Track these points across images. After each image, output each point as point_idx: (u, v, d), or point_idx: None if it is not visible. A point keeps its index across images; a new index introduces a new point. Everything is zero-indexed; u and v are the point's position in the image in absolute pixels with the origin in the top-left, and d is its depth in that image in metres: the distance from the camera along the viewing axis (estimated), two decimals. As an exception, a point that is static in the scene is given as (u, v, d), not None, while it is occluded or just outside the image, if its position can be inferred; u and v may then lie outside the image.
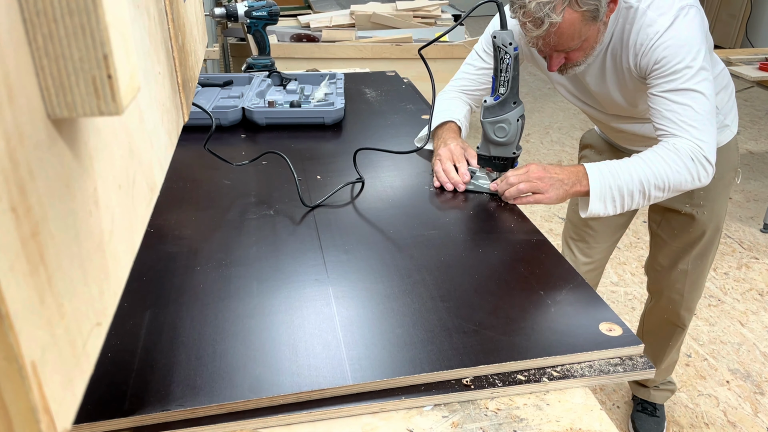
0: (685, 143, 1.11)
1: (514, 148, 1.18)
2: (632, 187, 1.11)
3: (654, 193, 1.11)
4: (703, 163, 1.11)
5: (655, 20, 1.12)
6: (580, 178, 1.12)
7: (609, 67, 1.24)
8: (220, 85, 1.75)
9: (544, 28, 1.04)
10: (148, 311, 0.83)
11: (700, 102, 1.10)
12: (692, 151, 1.10)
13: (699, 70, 1.10)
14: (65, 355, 0.32)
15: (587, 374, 0.75)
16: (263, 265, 0.95)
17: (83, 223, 0.36)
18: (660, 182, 1.10)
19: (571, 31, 1.07)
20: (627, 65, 1.20)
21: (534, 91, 4.78)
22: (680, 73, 1.10)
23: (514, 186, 1.13)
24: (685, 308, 1.58)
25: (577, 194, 1.14)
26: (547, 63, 1.19)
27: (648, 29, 1.12)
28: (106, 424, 0.65)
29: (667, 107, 1.12)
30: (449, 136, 1.30)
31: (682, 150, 1.10)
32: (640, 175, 1.10)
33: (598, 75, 1.27)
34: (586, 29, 1.08)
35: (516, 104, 1.14)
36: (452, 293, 0.88)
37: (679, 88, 1.11)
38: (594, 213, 1.13)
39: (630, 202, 1.12)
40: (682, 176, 1.10)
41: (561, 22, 1.04)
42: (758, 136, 3.95)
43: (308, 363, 0.73)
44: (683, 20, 1.11)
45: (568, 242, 1.69)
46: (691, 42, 1.10)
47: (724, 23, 5.65)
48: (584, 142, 1.66)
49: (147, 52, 0.53)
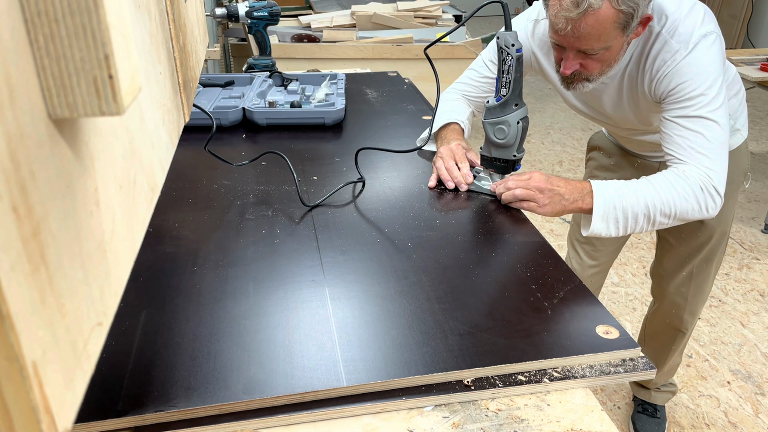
0: (694, 171, 1.08)
1: (515, 151, 1.17)
2: (637, 210, 1.08)
3: (659, 218, 1.09)
4: (712, 194, 1.08)
5: (675, 47, 1.10)
6: (584, 195, 1.10)
7: (626, 89, 1.22)
8: (221, 86, 1.76)
9: (581, 8, 1.00)
10: (143, 312, 0.83)
11: (712, 130, 1.08)
12: (701, 180, 1.08)
13: (714, 98, 1.08)
14: (66, 355, 0.32)
15: (588, 375, 0.75)
16: (260, 265, 0.94)
17: (84, 223, 0.36)
18: (666, 209, 1.08)
19: (600, 29, 1.04)
20: (642, 89, 1.18)
21: (535, 92, 4.78)
22: (695, 100, 1.08)
23: (511, 191, 1.12)
24: (688, 312, 1.57)
25: (578, 211, 1.12)
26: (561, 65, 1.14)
27: (666, 54, 1.11)
28: (100, 424, 0.65)
29: (679, 133, 1.10)
30: (452, 136, 1.30)
31: (692, 178, 1.08)
32: (647, 198, 1.08)
33: (615, 97, 1.25)
34: (613, 35, 1.05)
35: (518, 106, 1.13)
36: (449, 295, 0.87)
37: (693, 115, 1.09)
38: (595, 233, 1.10)
39: (634, 226, 1.10)
40: (690, 205, 1.08)
41: (598, 11, 1.01)
42: (759, 137, 3.94)
43: (302, 364, 0.73)
44: (703, 48, 1.09)
45: (574, 244, 1.68)
46: (709, 70, 1.08)
47: (726, 24, 5.65)
48: (592, 144, 1.64)
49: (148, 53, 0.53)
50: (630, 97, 1.23)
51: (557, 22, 1.05)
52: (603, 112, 1.33)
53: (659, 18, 1.13)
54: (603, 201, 1.09)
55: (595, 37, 1.05)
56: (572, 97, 1.35)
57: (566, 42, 1.09)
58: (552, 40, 1.14)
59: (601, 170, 1.58)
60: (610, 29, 1.04)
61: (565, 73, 1.14)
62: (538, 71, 1.35)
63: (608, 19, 1.02)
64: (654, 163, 1.47)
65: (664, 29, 1.12)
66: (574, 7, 1.01)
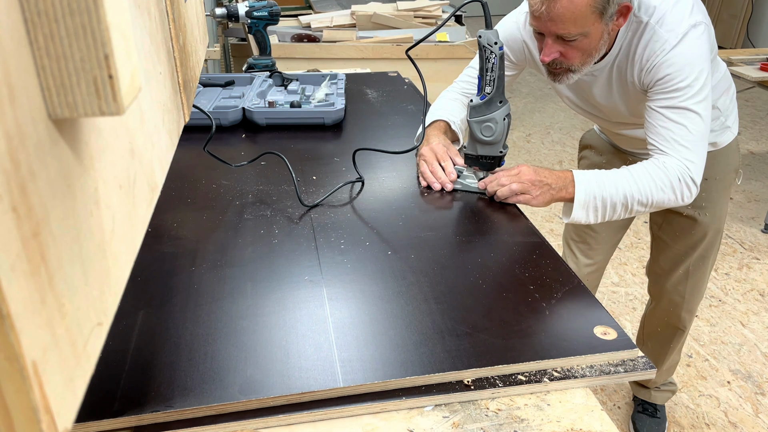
0: (674, 163, 1.12)
1: (501, 147, 1.18)
2: (616, 199, 1.12)
3: (636, 207, 1.14)
4: (688, 184, 1.13)
5: (664, 36, 1.12)
6: (567, 185, 1.14)
7: (615, 79, 1.24)
8: (221, 85, 1.75)
9: None
10: (141, 312, 0.83)
11: (695, 122, 1.12)
12: (680, 171, 1.12)
13: (700, 90, 1.11)
14: (66, 355, 0.32)
15: (588, 374, 0.75)
16: (258, 265, 0.94)
17: (84, 223, 0.36)
18: (644, 198, 1.12)
19: (575, 11, 1.05)
20: (632, 79, 1.20)
21: (535, 91, 4.78)
22: (681, 92, 1.11)
23: (506, 186, 1.13)
24: (686, 310, 1.58)
25: (562, 199, 1.15)
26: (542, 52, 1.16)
27: (655, 45, 1.12)
28: (96, 424, 0.65)
29: (663, 124, 1.13)
30: (432, 133, 1.30)
31: (671, 169, 1.12)
32: (625, 189, 1.12)
33: (605, 87, 1.27)
34: (590, 20, 1.07)
35: (502, 103, 1.15)
36: (446, 295, 0.87)
37: (677, 106, 1.12)
38: (575, 220, 1.14)
39: (612, 214, 1.14)
40: (666, 195, 1.13)
41: None
42: (759, 137, 3.94)
43: (299, 365, 0.73)
44: (692, 38, 1.11)
45: (569, 243, 1.69)
46: (697, 61, 1.11)
47: (725, 23, 5.65)
48: (584, 142, 1.65)
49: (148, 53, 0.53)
50: (620, 88, 1.25)
51: (533, 3, 1.08)
52: (594, 104, 1.35)
53: (647, 8, 1.14)
54: (584, 190, 1.13)
55: (570, 19, 1.07)
56: (565, 89, 1.36)
57: (544, 27, 1.11)
58: (533, 27, 1.16)
59: (593, 168, 1.59)
60: (586, 12, 1.06)
61: (545, 60, 1.16)
62: (531, 63, 1.36)
63: (582, 1, 1.05)
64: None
65: (652, 19, 1.14)
66: None
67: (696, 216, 1.44)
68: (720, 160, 1.39)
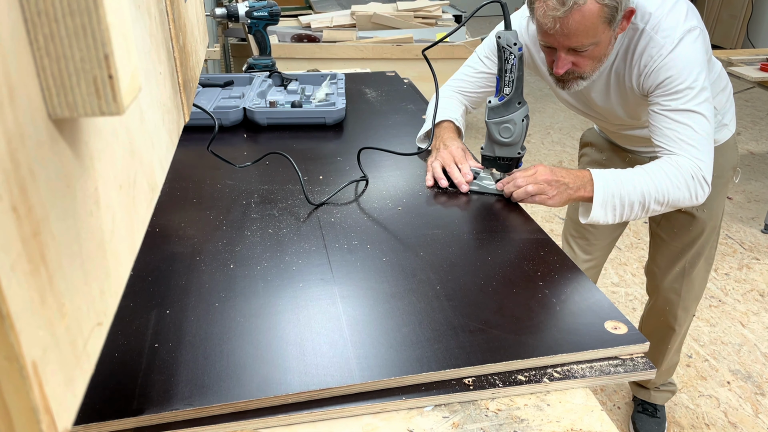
0: (686, 161, 1.12)
1: (519, 148, 1.18)
2: (633, 198, 1.12)
3: (653, 206, 1.13)
4: (701, 182, 1.13)
5: (660, 42, 1.13)
6: (585, 184, 1.13)
7: (613, 84, 1.25)
8: (221, 86, 1.75)
9: (567, 6, 1.03)
10: (153, 311, 0.83)
11: (700, 123, 1.12)
12: (692, 169, 1.12)
13: (700, 91, 1.12)
14: (66, 355, 0.32)
15: (588, 375, 0.75)
16: (268, 264, 0.95)
17: (84, 223, 0.36)
18: (660, 197, 1.12)
19: (588, 24, 1.06)
20: (630, 84, 1.21)
21: (535, 92, 4.78)
22: (682, 94, 1.12)
23: (522, 188, 1.13)
24: (682, 308, 1.59)
25: (580, 199, 1.15)
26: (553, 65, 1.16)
27: (652, 50, 1.14)
28: (114, 423, 0.65)
29: (668, 125, 1.14)
30: (448, 136, 1.30)
31: (684, 167, 1.12)
32: (642, 187, 1.12)
33: (603, 92, 1.28)
34: (600, 29, 1.08)
35: (521, 104, 1.14)
36: (457, 292, 0.88)
37: (681, 108, 1.12)
38: (594, 220, 1.14)
39: (629, 213, 1.14)
40: (682, 193, 1.12)
41: (583, 6, 1.04)
42: (759, 137, 3.94)
43: (315, 362, 0.74)
44: (688, 42, 1.12)
45: (569, 239, 1.70)
46: (694, 63, 1.12)
47: (725, 24, 5.65)
48: (584, 140, 1.66)
49: (148, 53, 0.53)
50: (618, 92, 1.26)
51: (545, 22, 1.08)
52: (592, 107, 1.35)
53: (643, 15, 1.15)
54: (603, 189, 1.12)
55: (583, 32, 1.07)
56: (564, 92, 1.37)
57: (556, 42, 1.11)
58: (542, 43, 1.16)
59: (593, 166, 1.60)
60: (597, 24, 1.07)
61: (559, 73, 1.16)
62: (531, 67, 1.37)
63: (594, 13, 1.05)
64: (645, 158, 1.48)
65: (648, 25, 1.15)
66: (561, 5, 1.04)
67: (694, 212, 1.45)
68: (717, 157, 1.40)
